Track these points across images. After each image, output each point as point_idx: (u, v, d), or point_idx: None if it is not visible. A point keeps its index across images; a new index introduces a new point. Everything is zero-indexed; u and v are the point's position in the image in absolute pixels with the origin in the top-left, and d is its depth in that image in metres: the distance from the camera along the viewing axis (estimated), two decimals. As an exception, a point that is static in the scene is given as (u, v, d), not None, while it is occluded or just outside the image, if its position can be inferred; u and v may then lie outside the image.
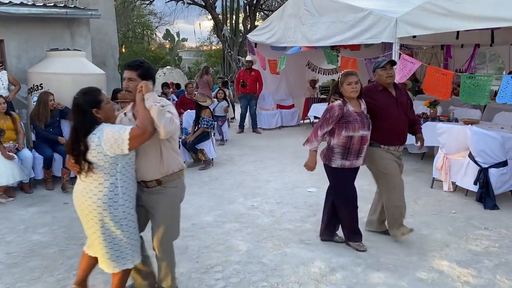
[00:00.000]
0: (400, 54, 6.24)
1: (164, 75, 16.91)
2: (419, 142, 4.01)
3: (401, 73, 5.97)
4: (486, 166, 4.83)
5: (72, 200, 2.68)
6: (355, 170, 3.68)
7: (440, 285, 3.18)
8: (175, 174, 2.75)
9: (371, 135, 3.60)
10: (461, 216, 4.56)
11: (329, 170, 3.68)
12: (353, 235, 3.76)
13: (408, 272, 3.36)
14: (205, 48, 32.77)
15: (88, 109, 2.52)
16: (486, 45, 10.21)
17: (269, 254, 3.71)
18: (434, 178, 5.61)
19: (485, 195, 4.80)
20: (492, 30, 7.56)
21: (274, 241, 3.99)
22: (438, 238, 4.02)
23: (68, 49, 6.75)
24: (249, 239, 4.04)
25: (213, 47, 29.09)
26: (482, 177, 4.82)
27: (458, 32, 6.72)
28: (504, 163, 4.84)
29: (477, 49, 10.96)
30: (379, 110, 3.67)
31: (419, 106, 6.87)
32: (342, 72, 3.64)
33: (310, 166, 3.71)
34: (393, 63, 3.76)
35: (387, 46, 8.05)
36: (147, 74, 2.67)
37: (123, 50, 27.11)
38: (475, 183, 4.91)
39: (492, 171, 4.79)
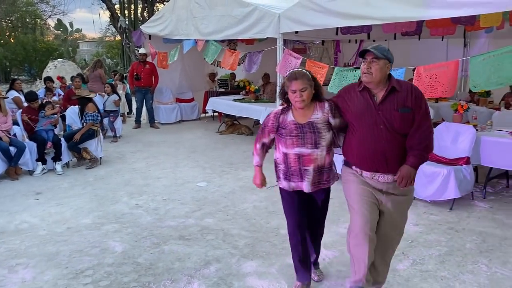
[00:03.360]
0: (284, 50, 6.47)
1: (55, 68, 15.71)
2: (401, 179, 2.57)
3: (284, 68, 6.19)
4: None
5: None
6: (303, 195, 2.87)
7: (306, 268, 3.37)
8: None
9: (343, 150, 2.80)
10: None
11: (280, 190, 2.99)
12: (296, 273, 3.06)
13: (279, 259, 3.52)
14: (107, 38, 31.20)
15: None
16: (369, 41, 11.08)
17: (145, 253, 3.64)
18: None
19: None
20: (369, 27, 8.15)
21: (153, 239, 3.93)
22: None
23: None
24: (127, 240, 3.92)
25: (116, 38, 27.75)
26: None
27: (337, 28, 7.14)
28: None
29: (362, 44, 11.87)
30: (350, 118, 2.69)
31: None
32: (288, 73, 2.81)
33: (255, 183, 3.05)
34: (376, 54, 2.52)
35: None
36: None
37: (11, 40, 24.71)
38: None
39: None
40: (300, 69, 2.76)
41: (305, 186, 2.80)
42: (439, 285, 3.09)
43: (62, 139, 6.35)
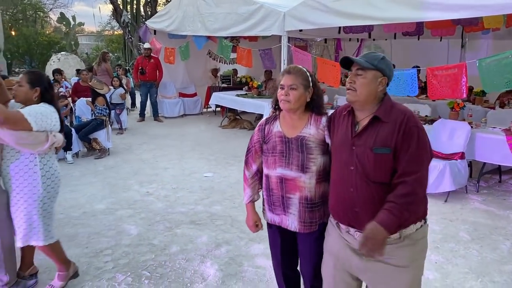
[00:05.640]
0: (289, 47, 6.71)
1: (58, 61, 15.88)
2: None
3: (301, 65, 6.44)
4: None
5: None
6: (288, 234, 2.26)
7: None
8: None
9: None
10: None
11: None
12: None
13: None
14: (106, 32, 31.23)
15: None
16: (370, 40, 11.35)
17: (159, 236, 3.88)
18: None
19: None
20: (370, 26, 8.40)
21: (166, 223, 4.17)
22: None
23: None
24: (141, 224, 4.17)
25: (116, 32, 27.85)
26: None
27: (340, 27, 7.39)
28: None
29: (363, 43, 12.14)
30: (331, 148, 2.11)
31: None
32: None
33: (248, 225, 2.47)
34: (360, 64, 1.90)
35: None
36: None
37: (13, 33, 24.79)
38: None
39: None
40: (300, 67, 2.23)
41: (290, 221, 2.18)
42: (433, 267, 3.35)
43: (73, 130, 6.57)
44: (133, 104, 12.06)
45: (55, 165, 2.88)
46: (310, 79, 2.18)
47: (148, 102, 10.09)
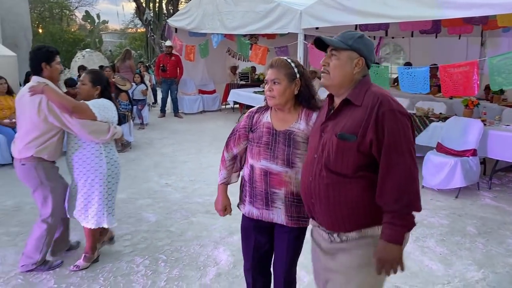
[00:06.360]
0: (305, 44, 6.84)
1: (83, 57, 16.34)
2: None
3: (315, 63, 6.58)
4: None
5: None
6: (266, 230, 2.22)
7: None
8: None
9: None
10: None
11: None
12: None
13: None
14: (129, 30, 31.84)
15: None
16: (388, 38, 11.36)
17: (176, 223, 4.11)
18: None
19: None
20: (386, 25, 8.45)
21: (183, 212, 4.40)
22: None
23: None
24: (160, 212, 4.40)
25: (138, 30, 28.41)
26: None
27: (356, 25, 7.46)
28: None
29: (382, 41, 12.15)
30: None
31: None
32: None
33: (216, 208, 2.41)
34: (334, 44, 1.76)
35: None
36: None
37: (40, 31, 25.59)
38: None
39: None
40: (285, 58, 2.11)
41: (276, 215, 2.11)
42: (438, 259, 3.46)
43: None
44: (155, 100, 12.39)
45: (116, 155, 3.22)
46: (295, 70, 2.06)
47: (169, 99, 10.37)
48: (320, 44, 1.79)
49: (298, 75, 2.06)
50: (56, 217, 3.15)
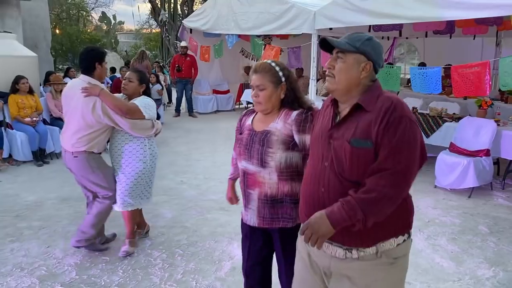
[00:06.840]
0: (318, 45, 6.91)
1: (100, 58, 16.64)
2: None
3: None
4: None
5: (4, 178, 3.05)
6: (261, 233, 2.16)
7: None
8: None
9: None
10: None
11: None
12: None
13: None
14: (145, 31, 32.19)
15: None
16: (402, 38, 11.34)
17: (191, 219, 4.23)
18: None
19: None
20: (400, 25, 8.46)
21: (198, 209, 4.52)
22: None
23: (-3, 31, 6.75)
24: (175, 208, 4.53)
25: (154, 31, 28.71)
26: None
27: (370, 26, 7.50)
28: None
29: (396, 41, 12.12)
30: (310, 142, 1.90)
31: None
32: None
33: (226, 198, 2.51)
34: (340, 46, 1.66)
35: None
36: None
37: (57, 31, 26.07)
38: None
39: None
40: (268, 62, 2.06)
41: (249, 217, 2.10)
42: (449, 257, 3.51)
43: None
44: (170, 100, 12.58)
45: (157, 148, 3.55)
46: (280, 74, 2.01)
47: (184, 98, 10.53)
48: (326, 45, 1.69)
49: (283, 79, 2.02)
50: (114, 193, 3.40)
